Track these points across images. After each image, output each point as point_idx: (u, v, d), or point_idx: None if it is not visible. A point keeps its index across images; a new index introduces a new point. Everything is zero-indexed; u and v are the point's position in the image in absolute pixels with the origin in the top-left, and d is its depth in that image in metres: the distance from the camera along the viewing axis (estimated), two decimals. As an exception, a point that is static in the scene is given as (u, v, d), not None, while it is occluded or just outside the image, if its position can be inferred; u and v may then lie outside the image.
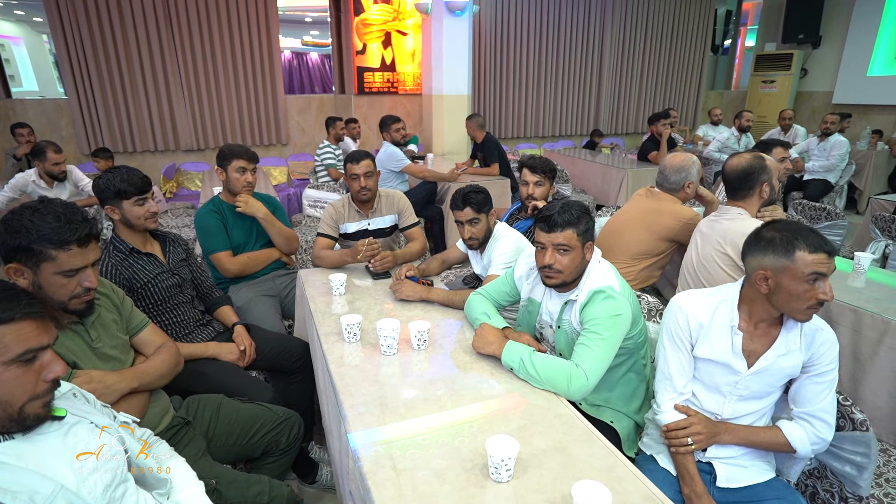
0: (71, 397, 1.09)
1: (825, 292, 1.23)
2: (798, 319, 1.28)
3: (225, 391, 1.81)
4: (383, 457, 1.18)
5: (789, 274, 1.25)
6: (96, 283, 1.37)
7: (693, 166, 2.38)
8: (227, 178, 2.50)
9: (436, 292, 2.04)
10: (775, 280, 1.27)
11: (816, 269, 1.22)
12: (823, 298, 1.23)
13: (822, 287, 1.23)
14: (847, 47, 8.09)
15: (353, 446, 1.22)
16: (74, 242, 1.30)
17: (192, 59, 5.95)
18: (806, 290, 1.23)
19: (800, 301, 1.25)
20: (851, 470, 1.35)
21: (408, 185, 4.51)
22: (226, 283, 2.60)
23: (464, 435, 1.26)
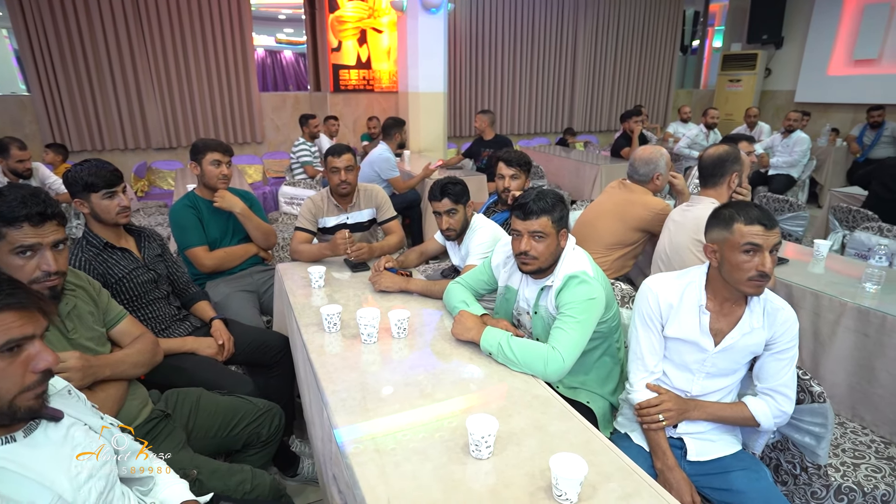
0: (66, 395, 1.07)
1: (763, 264, 1.30)
2: (746, 292, 1.35)
3: (204, 385, 1.81)
4: (366, 439, 1.21)
5: (729, 245, 1.34)
6: (56, 268, 1.34)
7: (661, 158, 2.46)
8: (202, 172, 2.48)
9: (415, 282, 2.07)
10: (721, 252, 1.37)
11: (751, 239, 1.31)
12: (762, 270, 1.30)
13: (759, 259, 1.30)
14: (807, 48, 8.39)
15: (335, 430, 1.24)
16: (24, 219, 1.28)
17: (164, 55, 5.84)
18: (744, 260, 1.32)
19: (740, 272, 1.33)
20: (811, 440, 1.42)
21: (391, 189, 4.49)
22: (202, 278, 2.58)
23: (444, 416, 1.29)
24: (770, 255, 1.31)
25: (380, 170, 4.34)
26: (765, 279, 1.32)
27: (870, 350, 1.96)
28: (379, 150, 4.41)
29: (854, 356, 2.01)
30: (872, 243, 2.80)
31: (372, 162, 4.38)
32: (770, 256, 1.31)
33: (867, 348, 1.97)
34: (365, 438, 1.21)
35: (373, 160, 4.38)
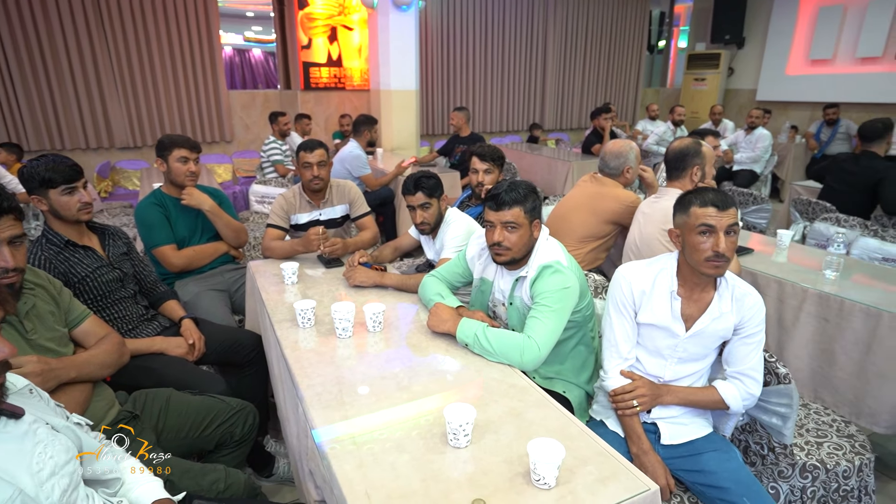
0: (27, 394, 1.03)
1: (717, 244, 1.34)
2: (705, 273, 1.38)
3: (174, 385, 1.76)
4: (343, 432, 1.19)
5: (687, 227, 1.40)
6: (13, 264, 1.29)
7: (630, 152, 2.51)
8: (169, 169, 2.42)
9: (389, 277, 2.05)
10: (682, 236, 1.42)
11: (705, 220, 1.36)
12: (716, 250, 1.34)
13: (714, 240, 1.35)
14: (767, 48, 8.67)
15: (311, 423, 1.22)
16: None
17: (126, 52, 5.66)
18: (700, 241, 1.36)
19: (697, 253, 1.37)
20: (777, 421, 1.47)
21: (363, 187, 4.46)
22: (171, 278, 2.51)
23: (421, 408, 1.28)
24: (728, 237, 1.35)
25: (351, 167, 4.30)
26: (721, 259, 1.35)
27: (830, 334, 2.04)
28: (349, 148, 4.38)
29: (815, 340, 2.09)
30: (831, 233, 2.91)
31: (343, 159, 4.35)
32: (728, 238, 1.35)
33: (827, 332, 2.04)
34: (342, 432, 1.20)
35: (343, 157, 4.35)
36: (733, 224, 1.36)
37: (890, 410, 1.86)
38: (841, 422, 1.72)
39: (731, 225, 1.36)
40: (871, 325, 1.90)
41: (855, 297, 1.97)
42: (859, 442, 1.62)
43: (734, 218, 1.37)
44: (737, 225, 1.38)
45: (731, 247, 1.36)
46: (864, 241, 2.70)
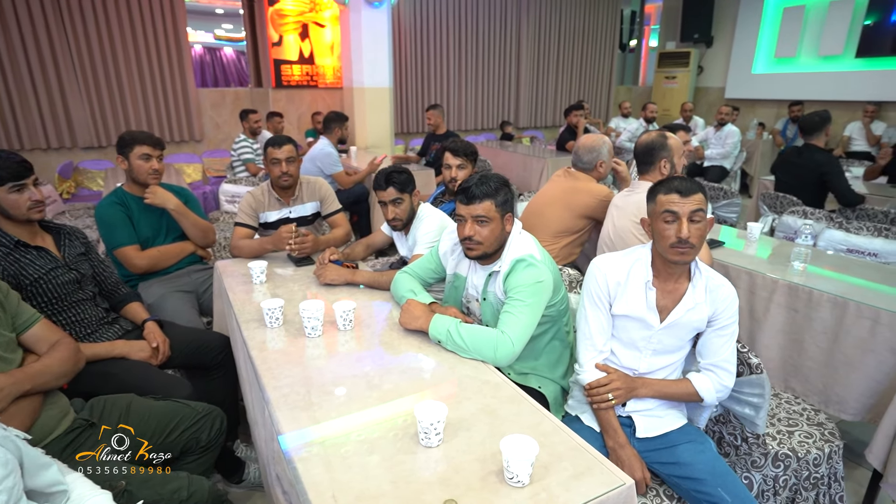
0: None
1: (680, 230, 1.34)
2: (671, 260, 1.39)
3: (136, 390, 1.68)
4: (310, 434, 1.15)
5: (654, 215, 1.41)
6: None
7: (603, 146, 2.51)
8: (130, 167, 2.32)
9: (361, 274, 2.01)
10: (651, 224, 1.43)
11: (668, 206, 1.37)
12: (680, 236, 1.34)
13: (677, 226, 1.35)
14: (734, 47, 8.87)
15: (276, 426, 1.17)
16: None
17: (88, 47, 5.46)
18: (664, 228, 1.38)
19: (663, 239, 1.38)
20: (750, 411, 1.48)
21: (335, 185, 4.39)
22: (135, 280, 2.42)
23: (392, 408, 1.25)
24: (693, 224, 1.35)
25: (322, 165, 4.24)
26: (684, 245, 1.35)
27: (799, 324, 2.07)
28: (320, 146, 4.31)
29: (786, 331, 2.12)
30: (798, 225, 2.97)
31: (314, 157, 4.27)
32: (693, 225, 1.35)
33: (797, 322, 2.07)
34: (309, 435, 1.15)
35: (314, 156, 4.27)
36: (697, 210, 1.36)
37: (857, 398, 1.89)
38: (811, 410, 1.74)
39: (695, 211, 1.35)
40: (838, 315, 1.93)
41: (823, 287, 2.00)
42: (828, 430, 1.64)
43: (699, 204, 1.36)
44: (702, 211, 1.36)
45: (697, 233, 1.35)
46: (830, 232, 2.76)
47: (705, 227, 1.38)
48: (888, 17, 7.05)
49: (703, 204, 1.37)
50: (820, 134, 3.35)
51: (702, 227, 1.36)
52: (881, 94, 7.05)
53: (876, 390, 1.85)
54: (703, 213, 1.36)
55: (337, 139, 4.41)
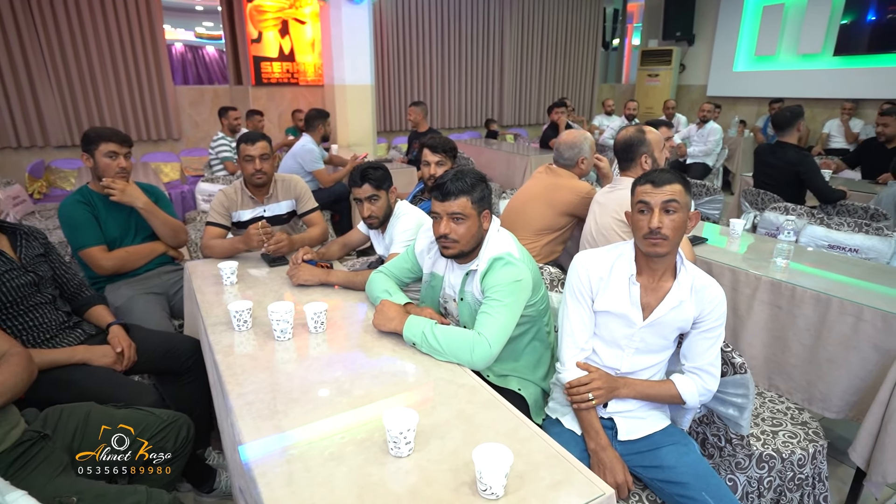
0: None
1: (650, 220, 1.32)
2: (645, 252, 1.36)
3: (98, 398, 1.60)
4: (273, 444, 1.08)
5: (632, 206, 1.40)
6: None
7: (585, 142, 2.46)
8: (96, 165, 2.23)
9: (335, 274, 1.94)
10: (629, 216, 1.41)
11: (641, 197, 1.35)
12: (650, 226, 1.32)
13: (649, 216, 1.33)
14: (715, 45, 8.92)
15: (238, 435, 1.10)
16: None
17: (59, 44, 5.30)
18: (638, 219, 1.36)
19: (638, 231, 1.36)
20: (734, 412, 1.44)
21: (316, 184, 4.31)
22: (102, 282, 2.33)
23: (362, 414, 1.18)
24: (667, 215, 1.31)
25: (303, 161, 4.16)
26: (656, 236, 1.32)
27: (782, 321, 2.04)
28: (302, 142, 4.23)
29: (769, 328, 2.09)
30: (780, 222, 2.96)
31: (295, 154, 4.19)
32: (667, 216, 1.31)
33: (780, 320, 2.05)
34: (272, 445, 1.08)
35: (296, 152, 4.20)
36: (670, 200, 1.32)
37: (840, 395, 1.87)
38: (795, 409, 1.72)
39: (668, 201, 1.32)
40: (821, 312, 1.91)
41: (806, 284, 1.98)
42: (812, 429, 1.61)
43: (673, 194, 1.32)
44: (676, 202, 1.32)
45: (670, 224, 1.31)
46: (812, 228, 2.75)
47: (681, 218, 1.33)
48: (864, 16, 7.14)
49: (678, 194, 1.32)
50: (791, 130, 3.33)
51: (676, 219, 1.32)
52: (859, 92, 7.15)
53: (859, 387, 1.83)
54: (679, 203, 1.32)
55: (320, 136, 4.33)
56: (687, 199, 1.35)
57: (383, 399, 1.24)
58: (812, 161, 3.34)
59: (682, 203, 1.33)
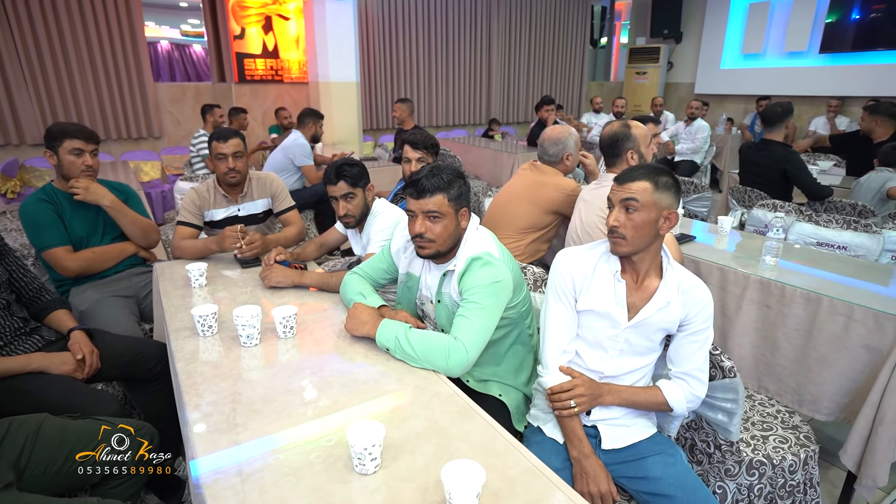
0: None
1: (608, 218, 1.29)
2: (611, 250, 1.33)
3: (54, 409, 1.50)
4: (226, 461, 1.00)
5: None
6: None
7: (569, 138, 2.40)
8: (60, 162, 2.13)
9: (309, 276, 1.85)
10: None
11: (609, 194, 1.34)
12: (609, 224, 1.29)
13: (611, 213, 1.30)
14: (703, 43, 8.92)
15: (192, 453, 1.02)
16: None
17: (34, 38, 5.14)
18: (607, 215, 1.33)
19: (606, 227, 1.32)
20: (723, 417, 1.38)
21: (304, 181, 4.22)
22: (67, 284, 2.22)
23: (327, 427, 1.10)
24: (627, 213, 1.27)
25: (294, 156, 4.06)
26: (614, 236, 1.29)
27: (772, 321, 1.99)
28: (294, 137, 4.14)
29: (758, 328, 2.04)
30: (768, 219, 2.92)
31: (286, 148, 4.09)
32: (624, 214, 1.28)
33: (769, 319, 2.00)
34: (225, 459, 1.00)
35: (287, 146, 4.10)
36: (629, 199, 1.27)
37: (831, 397, 1.82)
38: (785, 412, 1.66)
39: (627, 199, 1.27)
40: (811, 311, 1.86)
41: (796, 282, 1.93)
42: (804, 433, 1.56)
43: (635, 193, 1.27)
44: (634, 200, 1.26)
45: (629, 224, 1.27)
46: (800, 225, 2.71)
47: (642, 218, 1.27)
48: (849, 14, 7.16)
49: (641, 192, 1.27)
50: (780, 126, 3.29)
51: (636, 218, 1.27)
52: (844, 90, 7.17)
53: (850, 389, 1.78)
54: (639, 202, 1.27)
55: (311, 135, 4.24)
56: (655, 196, 1.27)
57: (351, 408, 1.16)
58: (798, 158, 3.30)
59: (645, 202, 1.26)
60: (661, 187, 1.28)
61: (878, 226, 2.63)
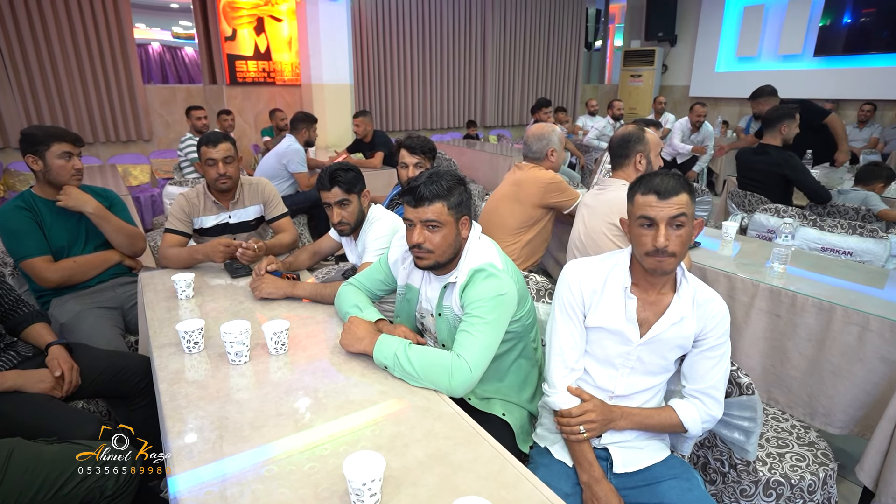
0: None
1: (656, 238, 1.17)
2: (647, 268, 1.22)
3: (27, 432, 1.40)
4: (214, 497, 0.91)
5: (631, 217, 1.25)
6: None
7: (553, 134, 2.36)
8: (47, 167, 2.03)
9: (302, 286, 1.77)
10: (628, 226, 1.26)
11: (644, 212, 1.19)
12: (656, 245, 1.17)
13: (654, 232, 1.18)
14: (697, 46, 8.92)
15: (172, 491, 0.93)
16: None
17: (19, 39, 5.03)
18: (640, 234, 1.21)
19: (639, 246, 1.22)
20: (740, 436, 1.31)
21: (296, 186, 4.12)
22: (47, 295, 2.12)
23: (322, 456, 1.02)
24: (674, 231, 1.17)
25: (289, 161, 3.97)
26: (661, 255, 1.17)
27: (781, 331, 1.93)
28: (288, 142, 4.05)
29: (767, 338, 1.98)
30: (772, 224, 2.86)
31: (280, 154, 4.00)
32: (674, 232, 1.17)
33: (779, 329, 1.93)
34: (212, 497, 0.91)
35: (281, 152, 4.00)
36: (679, 215, 1.16)
37: (844, 410, 1.76)
38: (800, 427, 1.59)
39: (677, 216, 1.16)
40: (823, 321, 1.79)
41: (807, 291, 1.86)
42: (821, 450, 1.49)
43: (681, 207, 1.16)
44: (684, 216, 1.17)
45: (677, 241, 1.17)
46: (804, 230, 2.65)
47: (688, 232, 1.19)
48: (842, 17, 7.17)
49: (686, 206, 1.17)
50: (774, 131, 3.23)
51: (684, 234, 1.18)
52: (838, 93, 7.17)
53: (865, 402, 1.71)
54: (687, 216, 1.17)
55: (304, 140, 4.15)
56: (692, 208, 1.20)
57: (347, 436, 1.08)
58: (798, 161, 3.24)
59: (690, 214, 1.18)
60: (693, 196, 1.21)
61: (884, 230, 2.58)
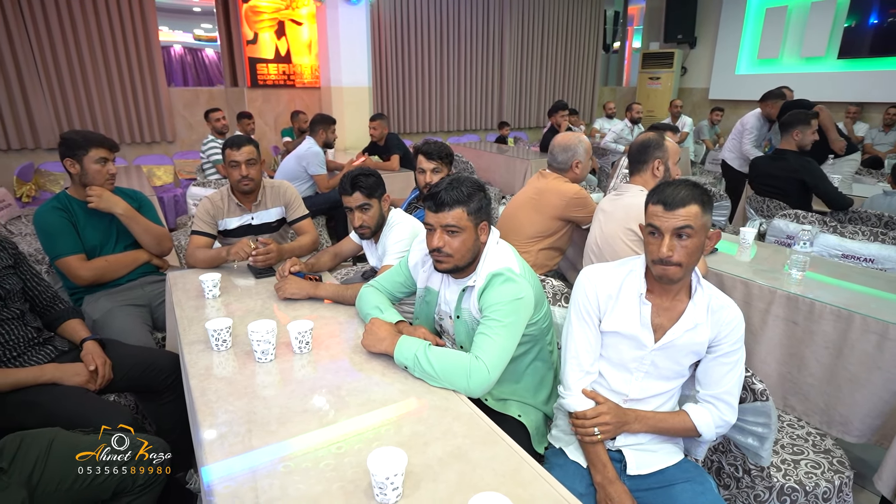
0: None
1: (660, 247, 1.19)
2: (656, 277, 1.25)
3: (66, 422, 1.47)
4: (243, 487, 0.96)
5: (643, 225, 1.28)
6: None
7: (580, 145, 2.35)
8: (84, 171, 2.13)
9: (324, 287, 1.82)
10: (643, 230, 1.29)
11: (651, 220, 1.23)
12: (659, 255, 1.19)
13: (658, 242, 1.20)
14: (717, 48, 8.82)
15: (206, 480, 0.98)
16: None
17: (51, 44, 5.19)
18: (648, 241, 1.25)
19: (648, 253, 1.25)
20: (754, 441, 1.32)
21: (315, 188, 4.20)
22: (80, 293, 2.21)
23: (346, 451, 1.06)
24: (680, 241, 1.18)
25: (308, 164, 4.04)
26: (665, 265, 1.19)
27: (799, 338, 1.93)
28: (307, 144, 4.12)
29: (784, 344, 1.98)
30: (791, 230, 2.84)
31: (300, 156, 4.07)
32: (678, 241, 1.18)
33: (796, 336, 1.93)
34: (242, 488, 0.96)
35: (301, 154, 4.07)
36: (684, 227, 1.18)
37: (862, 419, 1.76)
38: (816, 435, 1.60)
39: (682, 227, 1.18)
40: (841, 328, 1.79)
41: (825, 298, 1.86)
42: (837, 458, 1.50)
43: (687, 219, 1.18)
44: (690, 228, 1.18)
45: (683, 252, 1.18)
46: (824, 237, 2.64)
47: (695, 243, 1.20)
48: (868, 18, 7.04)
49: (693, 218, 1.18)
50: (788, 137, 3.20)
51: (690, 245, 1.19)
52: (863, 96, 7.04)
53: (883, 410, 1.71)
54: (693, 228, 1.18)
55: (322, 142, 4.22)
56: (705, 219, 1.21)
57: (370, 432, 1.13)
58: (815, 166, 3.20)
59: (698, 226, 1.19)
60: (707, 207, 1.22)
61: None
